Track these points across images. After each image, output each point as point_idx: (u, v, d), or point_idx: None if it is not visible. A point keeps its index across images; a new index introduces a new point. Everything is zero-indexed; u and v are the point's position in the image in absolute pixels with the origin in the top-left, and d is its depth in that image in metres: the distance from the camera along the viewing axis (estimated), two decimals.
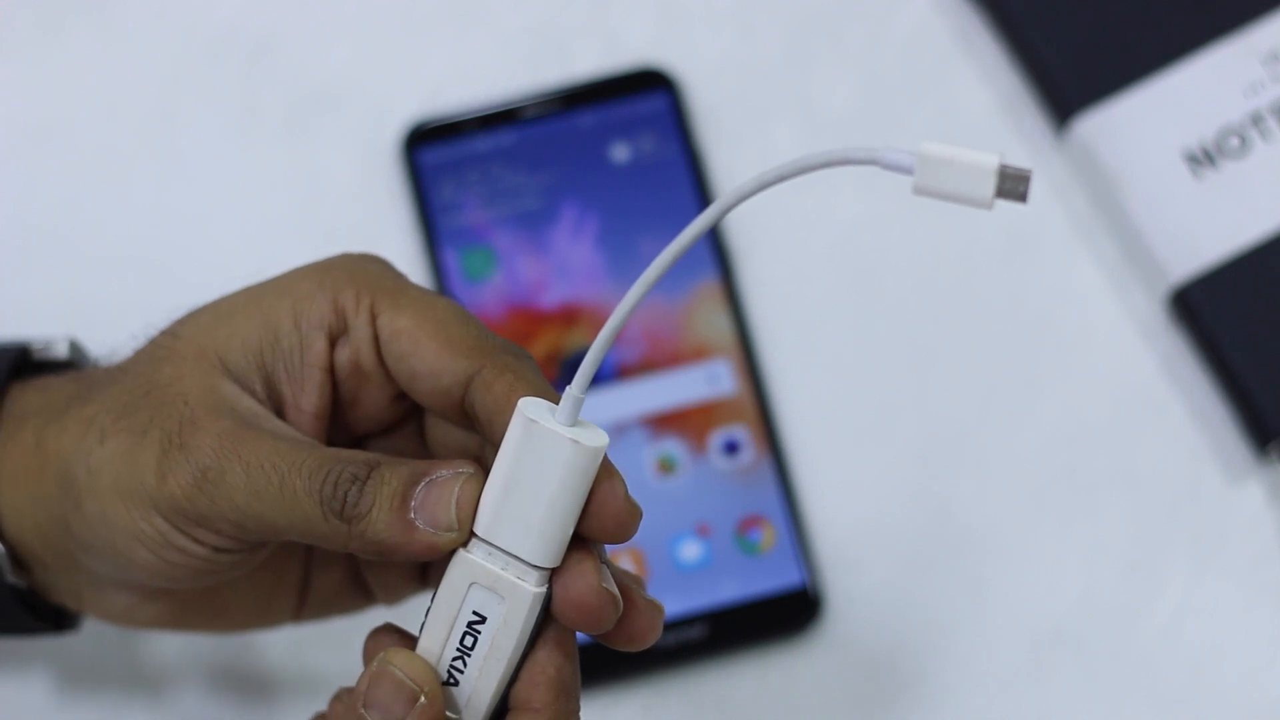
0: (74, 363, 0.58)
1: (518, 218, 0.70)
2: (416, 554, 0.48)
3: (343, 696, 0.49)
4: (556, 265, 0.70)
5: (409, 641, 0.49)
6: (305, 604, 0.57)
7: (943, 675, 0.66)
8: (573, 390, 0.47)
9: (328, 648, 0.65)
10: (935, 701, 0.66)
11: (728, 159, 0.71)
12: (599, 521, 0.48)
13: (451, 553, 0.48)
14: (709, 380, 0.68)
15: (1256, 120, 0.69)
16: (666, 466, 0.68)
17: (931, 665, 0.66)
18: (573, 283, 0.69)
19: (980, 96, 0.72)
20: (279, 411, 0.52)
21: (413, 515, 0.48)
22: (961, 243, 0.70)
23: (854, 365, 0.69)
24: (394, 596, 0.57)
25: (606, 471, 0.48)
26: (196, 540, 0.51)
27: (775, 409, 0.68)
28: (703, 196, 0.70)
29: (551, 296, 0.69)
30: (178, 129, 0.71)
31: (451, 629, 0.48)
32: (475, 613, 0.48)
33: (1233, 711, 0.66)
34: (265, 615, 0.57)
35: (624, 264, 0.70)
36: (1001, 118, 0.72)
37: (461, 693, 0.48)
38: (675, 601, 0.66)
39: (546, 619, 0.48)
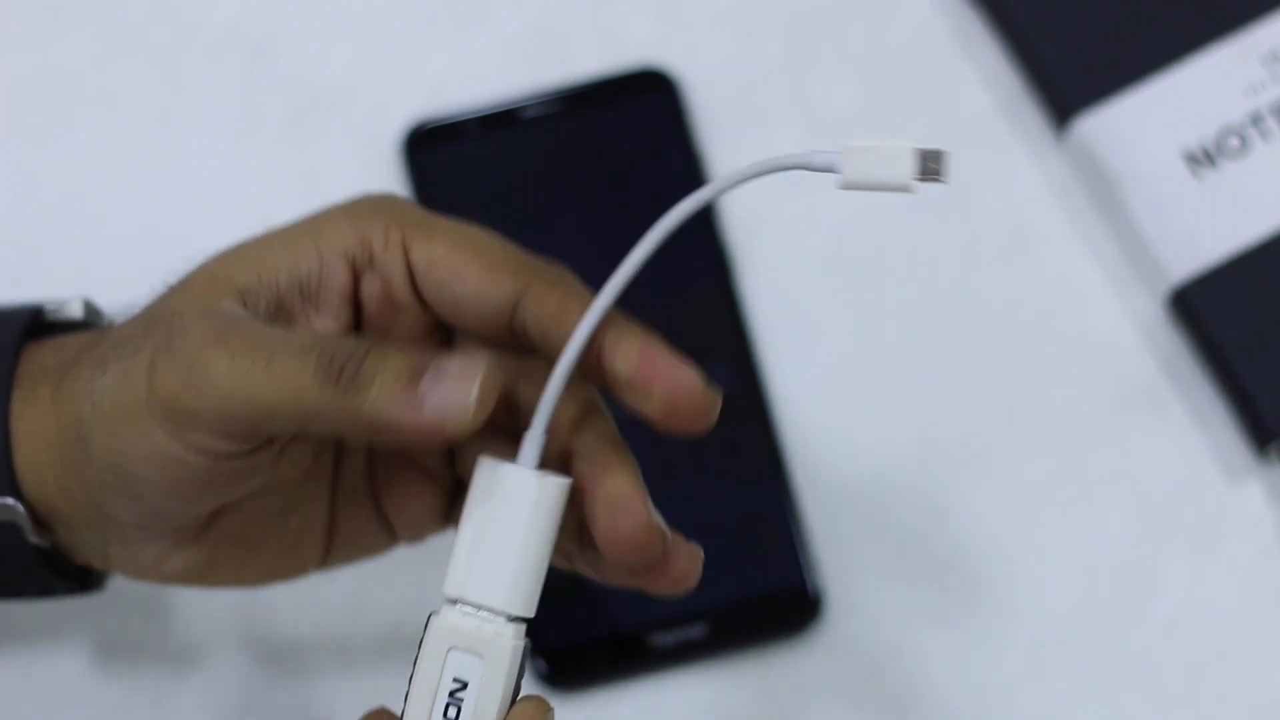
0: (89, 323, 0.57)
1: (518, 218, 0.70)
2: (419, 434, 0.47)
3: None
4: None
5: None
6: (331, 548, 0.56)
7: (943, 675, 0.66)
8: (534, 430, 0.48)
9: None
10: (935, 702, 0.66)
11: (728, 159, 0.71)
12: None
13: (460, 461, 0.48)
14: (709, 380, 0.68)
15: (1256, 120, 0.69)
16: (667, 466, 0.68)
17: (931, 665, 0.66)
18: None
19: (980, 97, 0.72)
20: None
21: (421, 394, 0.47)
22: (961, 242, 0.70)
23: (854, 365, 0.69)
24: (416, 533, 0.56)
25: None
26: (194, 447, 0.49)
27: (775, 409, 0.68)
28: None
29: None
30: (178, 129, 0.72)
31: (434, 704, 0.47)
32: (455, 679, 0.47)
33: (1233, 711, 0.66)
34: (293, 560, 0.55)
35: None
36: (1001, 118, 0.72)
37: None
38: (675, 601, 0.66)
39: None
